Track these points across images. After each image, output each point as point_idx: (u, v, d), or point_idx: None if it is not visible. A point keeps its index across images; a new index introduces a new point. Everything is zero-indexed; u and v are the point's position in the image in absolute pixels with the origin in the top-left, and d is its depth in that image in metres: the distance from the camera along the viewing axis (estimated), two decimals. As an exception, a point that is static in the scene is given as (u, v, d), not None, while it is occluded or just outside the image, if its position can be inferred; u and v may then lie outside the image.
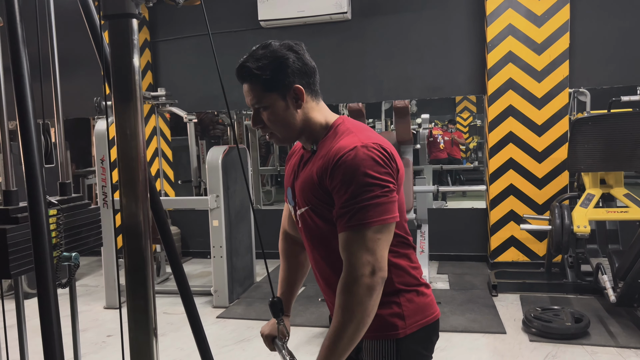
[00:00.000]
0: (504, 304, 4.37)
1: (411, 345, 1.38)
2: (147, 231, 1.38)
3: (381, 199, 1.23)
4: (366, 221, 1.22)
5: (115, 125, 1.32)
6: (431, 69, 5.67)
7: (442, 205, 8.28)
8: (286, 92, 1.34)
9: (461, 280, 5.11)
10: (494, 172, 5.33)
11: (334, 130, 1.39)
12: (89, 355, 3.69)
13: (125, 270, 1.40)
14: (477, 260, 5.75)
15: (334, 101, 6.07)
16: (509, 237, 5.34)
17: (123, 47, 1.31)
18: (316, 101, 1.41)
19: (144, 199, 1.34)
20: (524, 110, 5.18)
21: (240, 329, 4.07)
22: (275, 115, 1.35)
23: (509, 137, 5.25)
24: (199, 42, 6.18)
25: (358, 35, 5.84)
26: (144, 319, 1.33)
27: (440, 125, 10.64)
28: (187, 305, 1.83)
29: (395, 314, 1.37)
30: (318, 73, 1.42)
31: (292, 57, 1.33)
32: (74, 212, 1.50)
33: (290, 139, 1.43)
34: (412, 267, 1.42)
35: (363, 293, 1.22)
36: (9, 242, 1.27)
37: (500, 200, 5.33)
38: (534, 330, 3.67)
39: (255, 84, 1.33)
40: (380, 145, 1.28)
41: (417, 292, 1.41)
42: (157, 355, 1.41)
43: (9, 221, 1.30)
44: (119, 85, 1.29)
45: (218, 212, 4.48)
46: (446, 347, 3.56)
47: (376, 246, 1.23)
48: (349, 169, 1.24)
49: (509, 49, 5.17)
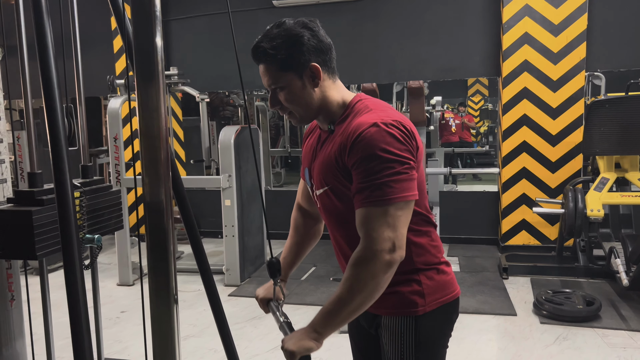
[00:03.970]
0: (514, 287, 4.37)
1: (430, 322, 1.39)
2: (169, 208, 1.38)
3: (402, 175, 1.22)
4: (388, 197, 1.21)
5: (137, 103, 1.31)
6: (445, 51, 5.60)
7: (452, 189, 8.27)
8: (302, 71, 1.31)
9: (471, 262, 5.12)
10: (507, 155, 5.29)
11: (352, 108, 1.36)
12: (104, 330, 3.75)
13: (147, 247, 1.41)
14: (487, 243, 5.75)
15: (347, 82, 6.01)
16: (520, 220, 5.32)
17: (145, 22, 1.29)
18: (333, 79, 1.38)
19: (166, 177, 1.34)
20: (539, 92, 5.12)
21: (252, 307, 4.11)
22: (292, 94, 1.33)
23: (522, 120, 5.20)
24: (211, 21, 6.14)
25: (372, 15, 5.78)
26: (165, 295, 1.34)
27: (451, 109, 10.54)
28: (206, 282, 1.85)
29: (415, 291, 1.37)
30: (334, 49, 1.39)
31: (307, 34, 1.30)
32: (96, 194, 1.51)
33: (309, 118, 1.41)
34: (432, 246, 1.41)
35: (380, 268, 1.21)
36: (35, 224, 1.28)
37: (513, 184, 5.30)
38: (544, 312, 3.68)
39: (271, 64, 1.31)
40: (400, 122, 1.26)
41: (438, 270, 1.41)
42: (178, 330, 1.43)
43: (34, 203, 1.31)
44: (141, 62, 1.27)
45: (230, 192, 4.50)
46: (457, 327, 3.52)
47: (397, 223, 1.22)
48: (368, 145, 1.22)
49: (525, 30, 5.09)
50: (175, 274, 1.41)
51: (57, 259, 5.29)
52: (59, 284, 4.45)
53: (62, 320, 1.64)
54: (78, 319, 1.09)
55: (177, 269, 4.78)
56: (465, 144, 9.84)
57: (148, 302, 1.22)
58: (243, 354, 3.31)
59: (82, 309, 1.02)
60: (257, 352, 3.33)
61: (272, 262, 1.48)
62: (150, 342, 1.33)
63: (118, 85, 4.71)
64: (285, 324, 1.51)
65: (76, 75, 1.55)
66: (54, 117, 1.10)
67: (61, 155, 1.07)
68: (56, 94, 1.10)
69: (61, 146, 1.07)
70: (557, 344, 3.28)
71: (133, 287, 4.75)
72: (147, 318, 1.34)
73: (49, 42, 1.04)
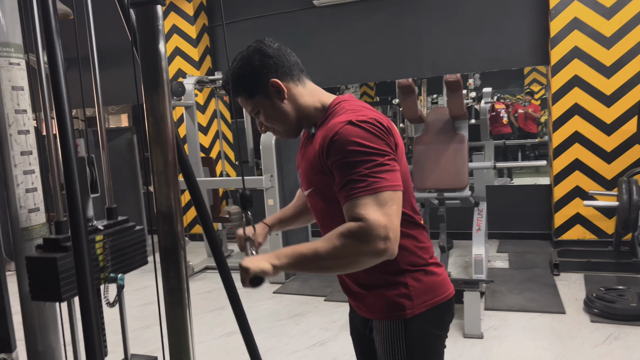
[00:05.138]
0: (565, 284, 4.20)
1: (421, 325, 1.37)
2: (179, 213, 1.45)
3: (385, 166, 1.21)
4: (376, 186, 1.19)
5: (145, 110, 1.39)
6: (489, 41, 5.44)
7: (506, 182, 8.01)
8: (266, 90, 1.36)
9: (522, 258, 4.95)
10: (558, 147, 5.07)
11: (331, 110, 1.37)
12: (152, 327, 3.94)
13: (159, 252, 1.48)
14: (540, 238, 5.54)
15: (388, 77, 5.97)
16: (574, 214, 5.09)
17: (149, 33, 1.36)
18: (301, 84, 1.40)
19: (174, 182, 1.41)
20: (591, 80, 4.88)
21: (295, 304, 4.19)
22: (267, 114, 1.39)
23: (574, 109, 4.97)
24: (255, 24, 6.27)
25: (413, 8, 5.70)
26: (178, 299, 1.40)
27: (512, 100, 10.11)
28: (225, 281, 1.91)
29: (402, 294, 1.35)
30: (292, 56, 1.40)
31: (257, 57, 1.35)
32: (119, 235, 1.59)
33: (292, 131, 1.44)
34: (418, 247, 1.38)
35: (368, 252, 1.17)
36: (59, 270, 1.38)
37: (565, 176, 5.08)
38: (595, 310, 3.51)
39: (240, 95, 1.39)
40: (375, 119, 1.26)
41: (425, 271, 1.38)
42: (191, 331, 1.50)
43: (59, 249, 1.41)
44: (147, 71, 1.35)
45: (272, 191, 4.59)
46: (500, 326, 3.49)
47: (390, 211, 1.19)
48: (345, 141, 1.21)
49: (574, 14, 4.86)
50: (187, 277, 1.48)
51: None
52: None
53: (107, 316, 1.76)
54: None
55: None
56: (530, 135, 9.41)
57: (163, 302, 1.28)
58: (283, 350, 3.38)
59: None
60: (297, 348, 3.39)
61: (243, 193, 1.45)
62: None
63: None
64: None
65: (97, 108, 1.64)
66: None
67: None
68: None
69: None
70: (607, 344, 3.12)
71: (184, 285, 4.94)
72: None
73: (60, 69, 1.11)
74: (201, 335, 3.70)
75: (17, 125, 1.51)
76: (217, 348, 3.47)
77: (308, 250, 1.23)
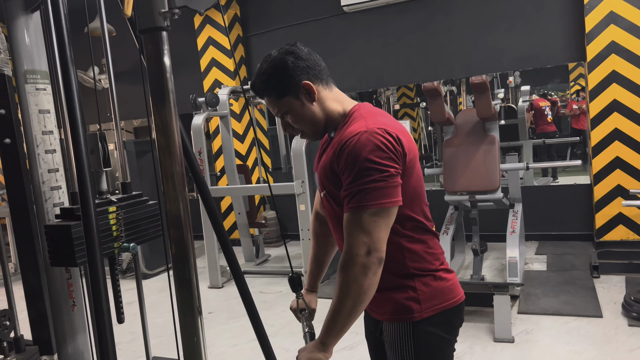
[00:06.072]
0: (605, 286, 4.07)
1: (428, 328, 1.41)
2: (187, 221, 1.54)
3: (379, 183, 1.26)
4: (363, 204, 1.27)
5: (154, 123, 1.49)
6: (522, 38, 5.34)
7: (548, 182, 7.79)
8: (297, 92, 1.40)
9: (561, 260, 4.82)
10: (597, 145, 4.92)
11: (350, 116, 1.43)
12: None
13: (172, 260, 1.58)
14: (581, 239, 5.38)
15: (420, 80, 5.94)
16: (616, 214, 4.91)
17: (156, 56, 1.47)
18: (329, 89, 1.46)
19: (182, 191, 1.51)
20: (630, 75, 4.71)
21: (327, 307, 4.22)
22: (296, 115, 1.43)
23: (613, 106, 4.81)
24: (287, 33, 6.40)
25: (443, 9, 5.67)
26: (189, 304, 1.50)
27: (560, 96, 9.77)
28: (240, 288, 1.99)
29: (411, 297, 1.40)
30: (322, 62, 1.46)
31: (290, 59, 1.39)
32: (132, 207, 1.71)
33: (319, 132, 1.49)
34: (428, 253, 1.43)
35: (358, 271, 1.27)
36: (73, 236, 1.51)
37: (605, 175, 4.91)
38: (634, 314, 3.40)
39: (270, 95, 1.42)
40: (385, 130, 1.30)
41: (435, 276, 1.42)
42: (203, 336, 1.58)
43: (73, 218, 1.54)
44: (154, 87, 1.46)
45: (304, 197, 4.67)
46: (532, 330, 3.43)
47: (372, 228, 1.27)
48: (351, 153, 1.29)
49: (610, 8, 4.71)
50: (198, 285, 1.57)
51: (158, 264, 5.82)
52: (158, 287, 4.89)
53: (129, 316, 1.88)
54: (103, 325, 1.25)
55: (262, 272, 5.12)
56: (583, 133, 9.08)
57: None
58: (313, 353, 3.44)
59: (105, 316, 1.19)
60: (326, 351, 3.44)
61: (292, 277, 1.65)
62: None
63: (200, 103, 5.09)
64: (308, 334, 1.62)
65: (110, 97, 1.76)
66: (77, 143, 1.26)
67: (84, 178, 1.23)
68: (79, 121, 1.26)
69: (84, 169, 1.23)
70: (644, 349, 3.03)
71: (222, 289, 5.10)
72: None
73: (72, 76, 1.22)
74: (235, 338, 3.82)
75: (44, 145, 1.65)
76: (250, 350, 3.58)
77: (331, 313, 1.34)
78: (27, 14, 1.61)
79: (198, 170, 1.83)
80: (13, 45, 1.56)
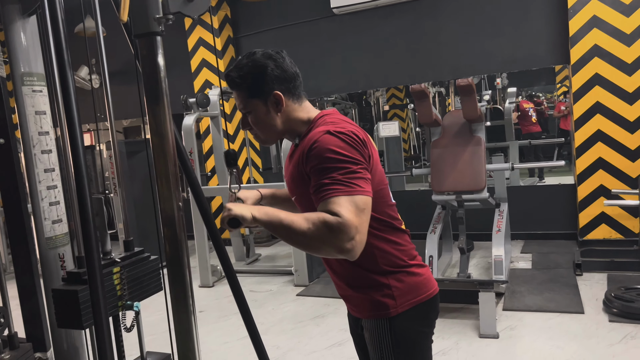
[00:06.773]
0: (587, 284, 4.17)
1: (405, 322, 1.46)
2: (181, 220, 1.59)
3: (358, 174, 1.30)
4: (350, 189, 1.27)
5: (149, 124, 1.55)
6: (509, 41, 5.44)
7: (534, 182, 7.91)
8: (267, 98, 1.43)
9: (545, 259, 4.93)
10: (581, 146, 5.04)
11: (314, 122, 1.48)
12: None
13: (166, 259, 1.62)
14: (565, 238, 5.50)
15: (409, 81, 6.02)
16: (599, 213, 5.03)
17: (150, 60, 1.52)
18: (298, 103, 1.49)
19: (175, 190, 1.56)
20: (613, 78, 4.83)
21: (317, 306, 4.31)
22: (258, 119, 1.47)
23: (596, 108, 4.92)
24: (278, 34, 6.45)
25: (431, 13, 5.76)
26: (184, 303, 1.55)
27: (546, 97, 9.91)
28: (232, 286, 2.04)
29: (386, 294, 1.45)
30: (299, 77, 1.49)
31: (272, 65, 1.43)
32: (135, 265, 1.76)
33: (272, 140, 1.54)
34: (400, 250, 1.48)
35: (335, 246, 1.23)
36: (80, 300, 1.56)
37: (589, 175, 5.03)
38: (614, 310, 3.50)
39: (240, 91, 1.45)
40: (351, 131, 1.36)
41: (407, 272, 1.48)
42: (197, 335, 1.63)
43: (80, 282, 1.59)
44: (149, 90, 1.51)
45: (294, 197, 4.72)
46: (516, 326, 3.52)
47: (362, 215, 1.27)
48: (322, 149, 1.32)
49: (593, 12, 4.82)
50: (191, 283, 1.62)
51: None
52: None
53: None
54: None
55: (252, 271, 5.17)
56: (569, 134, 9.20)
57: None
58: (303, 350, 3.51)
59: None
60: (316, 349, 3.51)
61: (229, 151, 1.57)
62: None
63: (191, 103, 5.13)
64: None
65: (106, 98, 1.79)
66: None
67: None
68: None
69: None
70: (623, 343, 3.12)
71: (212, 288, 5.14)
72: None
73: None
74: (226, 336, 3.87)
75: (41, 145, 1.69)
76: (241, 347, 3.63)
77: (286, 219, 1.28)
78: (24, 18, 1.66)
79: (191, 170, 1.89)
80: (10, 48, 1.61)
